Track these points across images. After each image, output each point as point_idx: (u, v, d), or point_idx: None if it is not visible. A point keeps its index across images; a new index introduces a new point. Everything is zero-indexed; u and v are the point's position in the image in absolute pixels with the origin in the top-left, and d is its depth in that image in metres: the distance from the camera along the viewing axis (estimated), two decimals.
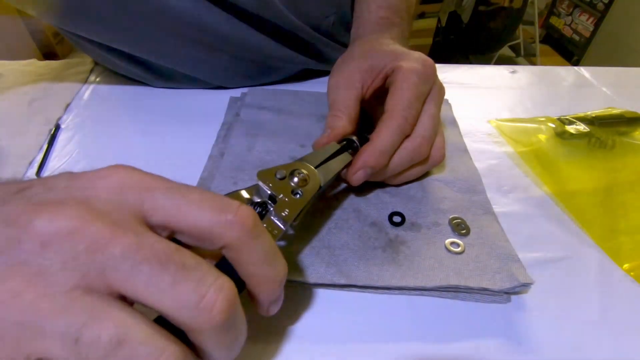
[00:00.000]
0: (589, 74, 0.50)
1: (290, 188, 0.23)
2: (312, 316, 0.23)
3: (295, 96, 0.41)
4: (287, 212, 0.21)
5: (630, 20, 1.79)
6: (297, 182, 0.23)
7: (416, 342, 0.22)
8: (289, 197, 0.22)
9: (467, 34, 1.97)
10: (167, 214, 0.15)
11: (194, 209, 0.15)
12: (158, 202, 0.15)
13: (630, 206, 0.31)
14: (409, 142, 0.28)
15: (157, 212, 0.15)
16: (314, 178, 0.24)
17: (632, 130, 0.39)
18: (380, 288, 0.24)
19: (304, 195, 0.23)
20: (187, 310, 0.14)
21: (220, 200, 0.16)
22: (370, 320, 0.23)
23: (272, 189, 0.22)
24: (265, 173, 0.22)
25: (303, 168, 0.24)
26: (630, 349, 0.22)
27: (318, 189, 0.24)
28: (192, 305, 0.14)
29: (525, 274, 0.24)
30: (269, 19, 0.38)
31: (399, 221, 0.28)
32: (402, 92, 0.28)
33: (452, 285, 0.24)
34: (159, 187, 0.16)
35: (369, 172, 0.27)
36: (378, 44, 0.33)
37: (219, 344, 0.15)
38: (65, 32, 0.40)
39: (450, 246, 0.26)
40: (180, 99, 0.42)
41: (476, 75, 0.49)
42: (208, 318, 0.14)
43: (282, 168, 0.23)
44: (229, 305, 0.14)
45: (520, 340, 0.22)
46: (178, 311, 0.14)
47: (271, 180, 0.22)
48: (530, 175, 0.34)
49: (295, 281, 0.24)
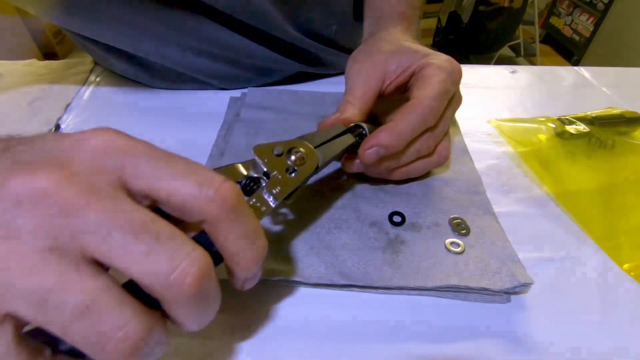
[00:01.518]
0: (589, 74, 0.50)
1: (285, 165, 0.22)
2: (310, 315, 0.23)
3: (295, 96, 0.41)
4: (278, 190, 0.21)
5: (630, 20, 1.79)
6: (294, 160, 0.22)
7: (416, 342, 0.22)
8: (283, 174, 0.22)
9: (467, 34, 1.97)
10: (148, 182, 0.15)
11: (176, 179, 0.15)
12: (140, 169, 0.15)
13: (630, 206, 0.31)
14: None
15: (138, 180, 0.15)
16: (311, 157, 0.23)
17: (632, 130, 0.39)
18: (380, 288, 0.24)
19: (299, 175, 0.22)
20: (159, 280, 0.14)
21: (204, 174, 0.16)
22: (370, 319, 0.23)
23: (266, 165, 0.21)
24: (262, 148, 0.22)
25: (302, 146, 0.23)
26: (630, 349, 0.22)
27: (315, 169, 0.23)
28: (165, 276, 0.14)
29: (526, 274, 0.24)
30: (268, 31, 0.39)
31: (399, 221, 0.28)
32: (431, 84, 0.27)
33: (452, 286, 0.24)
34: (143, 153, 0.15)
35: (382, 153, 0.26)
36: (404, 41, 0.32)
37: (190, 313, 0.15)
38: (66, 29, 0.40)
39: (450, 246, 0.26)
40: (180, 100, 0.42)
41: (476, 75, 0.49)
42: (180, 289, 0.14)
43: (280, 144, 0.22)
44: (202, 278, 0.14)
45: (520, 340, 0.22)
46: (150, 280, 0.14)
47: (267, 156, 0.22)
48: (530, 175, 0.34)
49: (296, 281, 0.24)
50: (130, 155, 0.15)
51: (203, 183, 0.15)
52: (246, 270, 0.17)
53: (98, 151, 0.15)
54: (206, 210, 0.15)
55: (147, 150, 0.15)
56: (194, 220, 0.16)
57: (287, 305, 0.24)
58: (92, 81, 0.45)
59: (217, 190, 0.15)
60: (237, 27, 0.38)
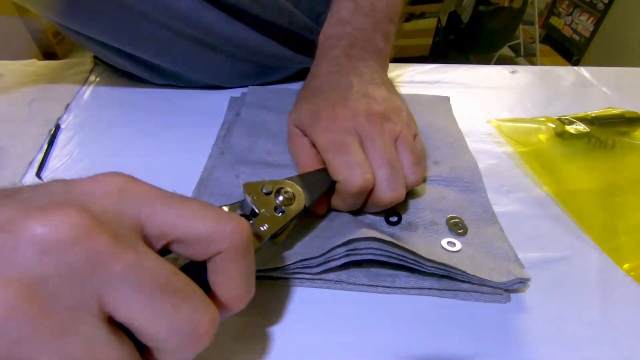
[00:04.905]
0: (589, 74, 0.50)
1: (274, 204, 0.22)
2: (310, 315, 0.23)
3: (296, 95, 0.41)
4: (266, 227, 0.21)
5: (630, 20, 1.79)
6: (282, 200, 0.23)
7: (416, 342, 0.22)
8: (271, 213, 0.22)
9: (467, 34, 1.97)
10: (166, 223, 0.15)
11: (196, 217, 0.15)
12: (157, 211, 0.15)
13: (630, 206, 0.31)
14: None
15: (156, 222, 0.15)
16: (299, 198, 0.24)
17: (632, 130, 0.39)
18: (381, 287, 0.24)
19: (287, 214, 0.22)
20: (177, 335, 0.14)
21: (221, 211, 0.16)
22: (370, 319, 0.23)
23: (255, 202, 0.22)
24: (251, 186, 0.23)
25: (290, 187, 0.24)
26: (630, 349, 0.22)
27: (302, 209, 0.24)
28: (185, 332, 0.14)
29: (522, 272, 0.24)
30: (271, 20, 0.38)
31: (395, 220, 0.28)
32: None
33: (448, 267, 0.23)
34: (158, 196, 0.15)
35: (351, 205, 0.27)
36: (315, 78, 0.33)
37: None
38: (65, 29, 0.40)
39: (446, 245, 0.26)
40: (180, 99, 0.42)
41: (476, 75, 0.49)
42: (196, 345, 0.14)
43: (270, 184, 0.23)
44: (214, 332, 0.15)
45: (520, 340, 0.22)
46: (168, 336, 0.13)
47: (256, 194, 0.22)
48: (530, 175, 0.34)
49: (299, 279, 0.24)
50: (147, 198, 0.15)
51: (221, 218, 0.16)
52: (238, 308, 0.17)
53: (114, 195, 0.14)
54: (227, 241, 0.16)
55: (161, 193, 0.15)
56: (207, 256, 0.16)
57: (283, 305, 0.24)
58: (92, 81, 0.45)
59: (237, 225, 0.16)
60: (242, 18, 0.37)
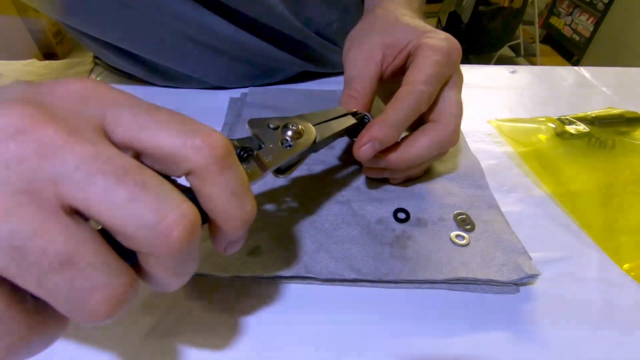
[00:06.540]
0: (589, 74, 0.50)
1: (280, 138, 0.21)
2: (315, 312, 0.23)
3: (297, 95, 0.41)
4: (270, 158, 0.20)
5: (630, 20, 1.79)
6: (290, 134, 0.22)
7: (424, 335, 0.22)
8: (277, 146, 0.21)
9: (467, 34, 1.97)
10: (131, 132, 0.14)
11: (160, 128, 0.14)
12: (122, 118, 0.14)
13: (630, 206, 0.31)
14: (439, 132, 0.27)
15: (120, 129, 0.14)
16: (308, 133, 0.23)
17: (632, 130, 0.39)
18: (390, 282, 0.24)
19: (294, 147, 0.21)
20: (143, 230, 0.12)
21: (191, 124, 0.15)
22: (378, 312, 0.23)
23: (260, 135, 0.21)
24: (257, 121, 0.21)
25: (298, 122, 0.23)
26: (630, 349, 0.22)
27: (312, 144, 0.22)
28: (150, 226, 0.12)
29: (531, 266, 0.24)
30: (272, 26, 0.38)
31: (403, 217, 0.28)
32: (422, 67, 0.26)
33: (460, 278, 0.24)
34: (126, 102, 0.14)
35: (377, 147, 0.26)
36: (402, 16, 0.30)
37: (168, 271, 0.14)
38: (66, 26, 0.40)
39: (455, 238, 0.26)
40: (180, 99, 0.42)
41: (476, 75, 0.49)
42: (164, 242, 0.13)
43: (277, 119, 0.22)
44: (190, 234, 0.13)
45: (519, 340, 0.22)
46: (132, 230, 0.12)
47: (262, 128, 0.21)
48: (530, 175, 0.34)
49: (308, 277, 0.24)
50: (112, 103, 0.14)
51: (190, 131, 0.14)
52: (232, 232, 0.16)
53: (76, 97, 0.14)
54: (193, 160, 0.14)
55: (129, 100, 0.14)
56: (179, 174, 0.15)
57: (291, 304, 0.24)
58: None
59: (206, 139, 0.14)
60: (242, 22, 0.37)
